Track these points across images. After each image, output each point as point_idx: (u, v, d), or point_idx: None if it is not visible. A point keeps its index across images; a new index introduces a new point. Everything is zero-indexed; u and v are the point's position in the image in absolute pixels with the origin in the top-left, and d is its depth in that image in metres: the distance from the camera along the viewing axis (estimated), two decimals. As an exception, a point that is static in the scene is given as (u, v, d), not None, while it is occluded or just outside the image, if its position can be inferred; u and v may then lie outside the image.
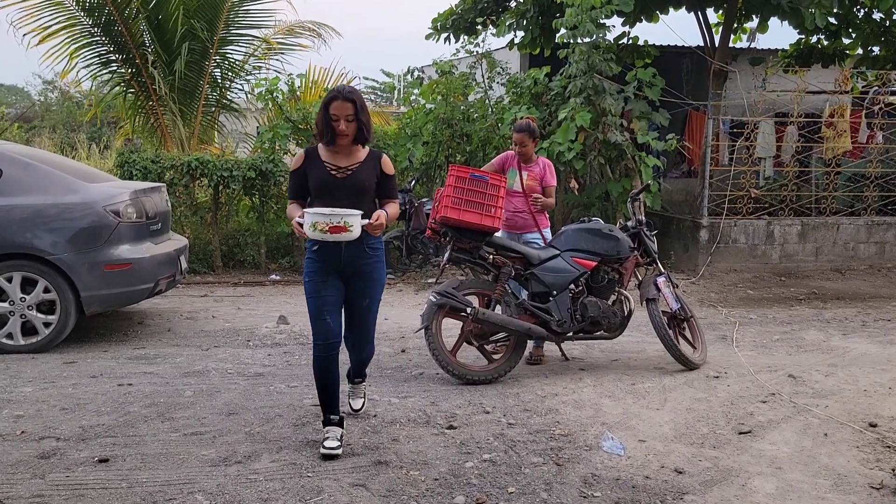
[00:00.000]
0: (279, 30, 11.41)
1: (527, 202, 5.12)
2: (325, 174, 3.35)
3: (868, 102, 9.75)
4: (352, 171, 3.37)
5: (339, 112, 3.27)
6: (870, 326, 6.47)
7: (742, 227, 8.94)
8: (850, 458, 3.44)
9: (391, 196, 3.52)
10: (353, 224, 3.14)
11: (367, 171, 3.40)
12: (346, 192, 3.34)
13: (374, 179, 3.42)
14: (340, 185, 3.35)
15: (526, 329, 4.58)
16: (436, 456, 3.38)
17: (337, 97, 3.28)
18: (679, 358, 4.82)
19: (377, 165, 3.44)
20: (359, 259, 3.40)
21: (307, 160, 3.40)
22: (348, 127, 3.29)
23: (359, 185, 3.37)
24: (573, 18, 7.84)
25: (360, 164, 3.39)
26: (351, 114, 3.28)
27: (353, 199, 3.33)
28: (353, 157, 3.40)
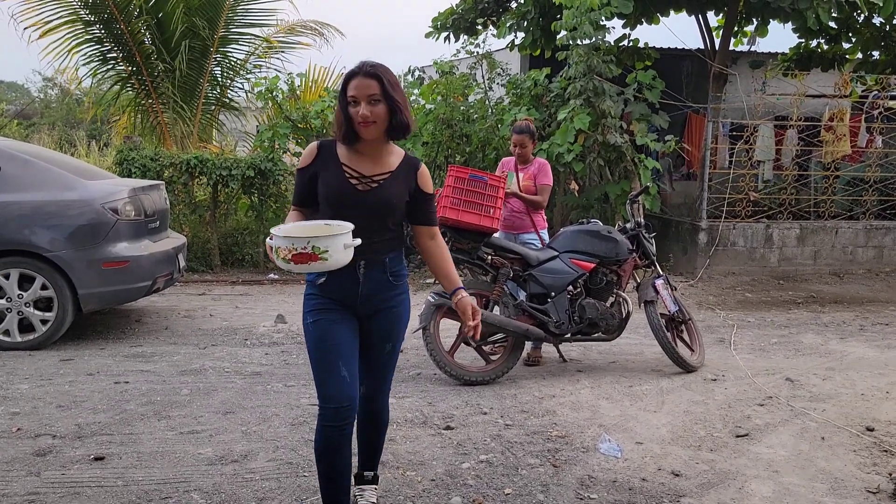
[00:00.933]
0: (280, 28, 11.41)
1: (523, 203, 5.12)
2: (342, 183, 2.40)
3: (867, 107, 9.76)
4: (379, 182, 2.41)
5: (360, 92, 2.32)
6: (867, 330, 6.47)
7: (741, 230, 8.94)
8: (846, 461, 3.43)
9: (430, 221, 2.55)
10: (329, 250, 2.13)
11: (398, 184, 2.44)
12: (366, 211, 2.38)
13: (406, 197, 2.46)
14: (361, 201, 2.39)
15: (524, 330, 4.58)
16: (433, 456, 3.38)
17: (356, 73, 2.35)
18: (676, 360, 4.82)
19: (412, 178, 2.47)
20: (382, 292, 2.50)
21: (319, 158, 2.45)
22: (373, 112, 2.32)
23: (385, 204, 2.41)
24: (572, 20, 7.84)
25: (391, 175, 2.43)
26: (376, 93, 2.31)
27: (375, 221, 2.40)
28: (382, 161, 2.44)
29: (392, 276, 2.49)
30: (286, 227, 2.24)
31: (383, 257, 2.46)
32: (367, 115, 2.30)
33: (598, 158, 8.16)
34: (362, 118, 2.31)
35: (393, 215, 2.44)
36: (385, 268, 2.47)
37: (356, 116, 2.32)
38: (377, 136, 2.37)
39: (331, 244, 2.13)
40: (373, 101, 2.31)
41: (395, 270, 2.51)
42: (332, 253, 2.13)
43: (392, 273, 2.49)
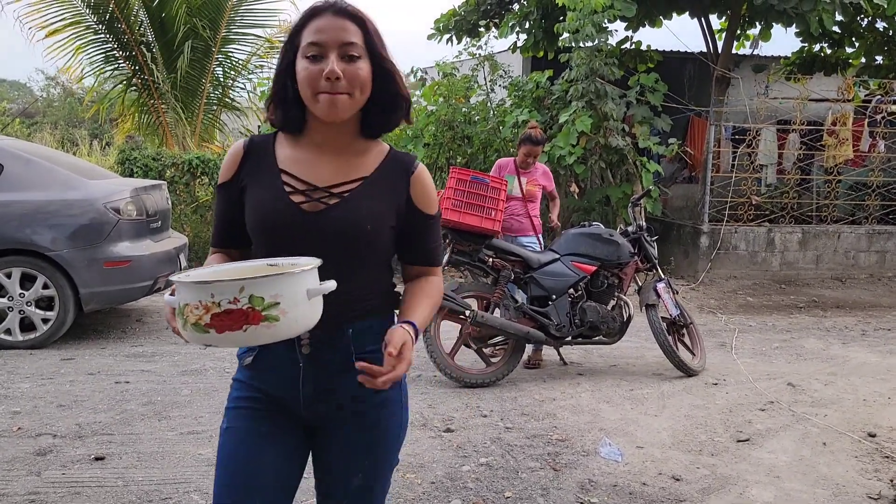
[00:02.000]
0: (283, 29, 11.42)
1: (525, 206, 5.12)
2: (277, 200, 1.46)
3: (870, 111, 9.75)
4: (341, 196, 1.46)
5: (328, 38, 1.40)
6: (870, 335, 6.46)
7: (743, 233, 8.93)
8: (848, 467, 3.42)
9: (431, 260, 1.59)
10: (280, 302, 1.22)
11: (377, 198, 1.48)
12: (317, 246, 1.42)
13: (390, 219, 1.49)
14: (308, 229, 1.44)
15: (525, 333, 4.57)
16: (433, 459, 3.37)
17: (322, 10, 1.43)
18: (678, 364, 4.81)
19: (402, 187, 1.50)
20: (345, 388, 1.48)
21: (248, 163, 1.52)
22: (349, 72, 1.39)
23: (351, 233, 1.44)
24: (575, 22, 7.84)
25: (365, 183, 1.48)
26: (356, 42, 1.41)
27: (336, 263, 1.40)
28: (349, 162, 1.49)
29: (366, 357, 1.40)
30: (201, 271, 1.37)
31: (346, 326, 1.44)
32: (338, 76, 1.36)
33: (600, 161, 8.16)
34: (329, 78, 1.36)
35: (366, 251, 1.45)
36: (349, 345, 1.46)
37: (316, 78, 1.37)
38: (345, 115, 1.41)
39: (284, 290, 1.20)
40: (349, 56, 1.39)
41: (372, 350, 1.44)
42: (286, 307, 1.20)
43: (363, 356, 1.40)
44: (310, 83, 1.39)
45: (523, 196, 5.11)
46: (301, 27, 1.44)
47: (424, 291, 1.55)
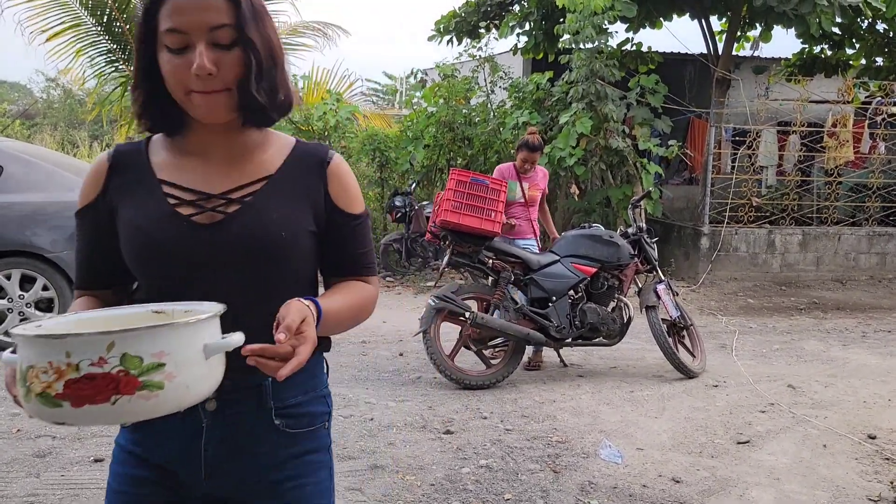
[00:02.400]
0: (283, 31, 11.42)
1: (527, 210, 5.12)
2: (160, 215, 1.18)
3: (871, 113, 9.75)
4: (241, 202, 1.19)
5: (191, 21, 1.10)
6: (870, 337, 6.45)
7: (743, 235, 8.93)
8: (848, 469, 3.42)
9: (360, 269, 1.31)
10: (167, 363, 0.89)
11: (287, 199, 1.22)
12: (215, 266, 1.17)
13: (308, 223, 1.23)
14: (201, 246, 1.17)
15: (525, 334, 4.57)
16: (432, 461, 3.36)
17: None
18: (678, 366, 4.80)
19: (317, 182, 1.25)
20: (260, 455, 1.23)
21: (115, 180, 1.23)
22: (221, 62, 1.11)
23: (258, 245, 1.18)
24: (575, 24, 7.84)
25: (270, 183, 1.22)
26: (226, 24, 1.11)
27: (241, 287, 1.18)
28: (245, 161, 1.24)
29: (285, 418, 1.22)
30: (58, 320, 1.03)
31: (263, 375, 1.08)
32: (211, 71, 1.09)
33: (600, 162, 8.16)
34: (199, 74, 1.09)
35: (282, 266, 1.19)
36: (265, 396, 1.21)
37: (184, 74, 1.10)
38: (227, 116, 1.16)
39: (171, 347, 0.90)
40: (218, 43, 1.11)
41: (295, 404, 1.23)
42: (174, 369, 0.90)
43: (285, 411, 1.21)
44: (177, 80, 1.11)
45: (526, 201, 5.11)
46: (154, 4, 1.12)
47: (346, 288, 1.27)
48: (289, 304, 1.07)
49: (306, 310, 1.07)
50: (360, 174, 9.97)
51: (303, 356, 1.01)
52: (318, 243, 1.25)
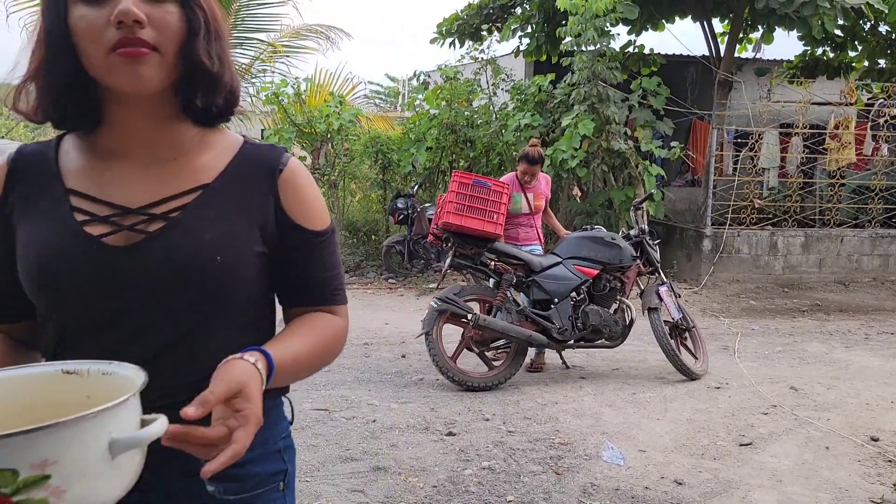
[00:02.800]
0: (285, 34, 11.45)
1: (532, 219, 5.11)
2: (66, 234, 0.93)
3: (873, 115, 9.74)
4: (168, 218, 0.95)
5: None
6: (873, 339, 6.44)
7: (745, 237, 8.92)
8: (851, 472, 3.41)
9: (325, 297, 1.07)
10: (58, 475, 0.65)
11: (230, 211, 0.98)
12: (140, 295, 0.93)
13: (256, 243, 0.99)
14: (121, 271, 0.92)
15: (527, 336, 4.57)
16: (435, 463, 3.36)
17: None
18: (680, 368, 4.80)
19: (268, 192, 1.01)
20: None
21: (17, 186, 0.98)
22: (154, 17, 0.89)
23: (191, 267, 0.93)
24: (577, 26, 7.85)
25: (206, 193, 0.97)
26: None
27: (175, 320, 0.94)
28: (181, 164, 0.99)
29: (223, 482, 0.99)
30: None
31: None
32: (138, 17, 0.87)
33: (603, 164, 8.16)
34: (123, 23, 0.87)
35: (219, 299, 0.97)
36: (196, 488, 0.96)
37: (101, 28, 0.88)
38: (157, 85, 0.92)
39: (61, 453, 0.66)
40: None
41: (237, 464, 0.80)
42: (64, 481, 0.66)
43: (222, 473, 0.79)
44: (94, 38, 0.87)
45: (531, 212, 5.10)
46: None
47: (309, 325, 1.03)
48: (226, 364, 0.83)
49: (247, 374, 0.82)
50: (363, 176, 10.00)
51: (240, 444, 0.76)
52: (269, 266, 1.01)
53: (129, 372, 0.80)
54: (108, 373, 0.81)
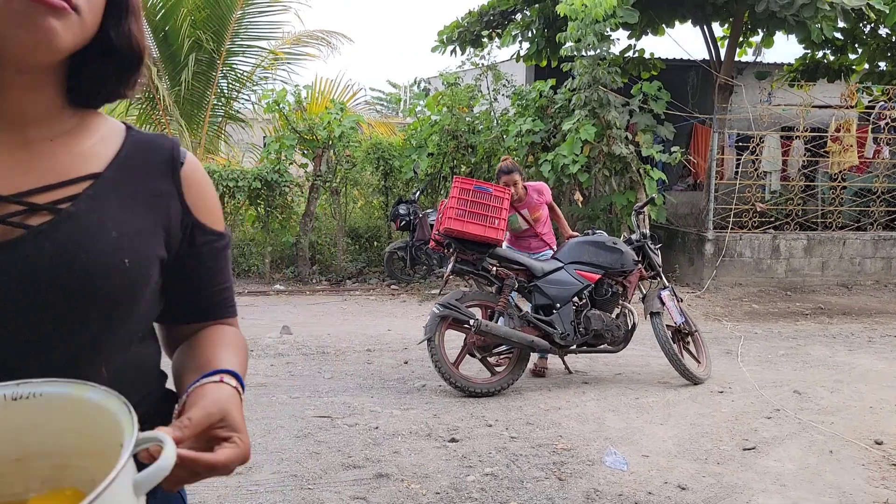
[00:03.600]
0: (286, 40, 11.49)
1: (535, 231, 5.08)
2: None
3: (874, 117, 9.74)
4: (58, 206, 0.79)
5: None
6: (876, 342, 6.42)
7: (747, 240, 8.92)
8: (855, 475, 3.40)
9: (227, 309, 0.99)
10: None
11: (131, 206, 0.84)
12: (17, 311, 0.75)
13: (160, 248, 0.86)
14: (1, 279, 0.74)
15: (529, 342, 4.57)
16: (437, 469, 3.36)
17: None
18: (683, 372, 4.79)
19: (168, 186, 0.89)
20: None
21: None
22: None
23: (94, 270, 0.78)
24: (577, 31, 7.87)
25: (99, 183, 0.83)
26: None
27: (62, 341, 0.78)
28: (68, 148, 0.83)
29: None
30: None
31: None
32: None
33: (604, 169, 8.17)
34: None
35: (119, 313, 0.82)
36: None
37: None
38: (68, 50, 0.77)
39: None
40: None
41: None
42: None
43: None
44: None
45: (531, 226, 5.07)
46: None
47: (225, 338, 0.93)
48: (202, 388, 0.77)
49: (230, 400, 0.75)
50: (365, 182, 10.02)
51: (228, 468, 0.73)
52: (167, 270, 0.88)
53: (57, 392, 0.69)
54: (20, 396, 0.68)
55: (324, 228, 9.81)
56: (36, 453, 0.69)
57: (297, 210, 9.45)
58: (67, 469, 0.59)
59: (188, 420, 0.71)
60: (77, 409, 0.68)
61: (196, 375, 0.82)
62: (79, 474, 0.68)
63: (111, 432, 0.64)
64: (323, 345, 5.92)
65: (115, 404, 0.67)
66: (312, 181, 9.16)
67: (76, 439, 0.68)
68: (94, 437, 0.67)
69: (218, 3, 10.14)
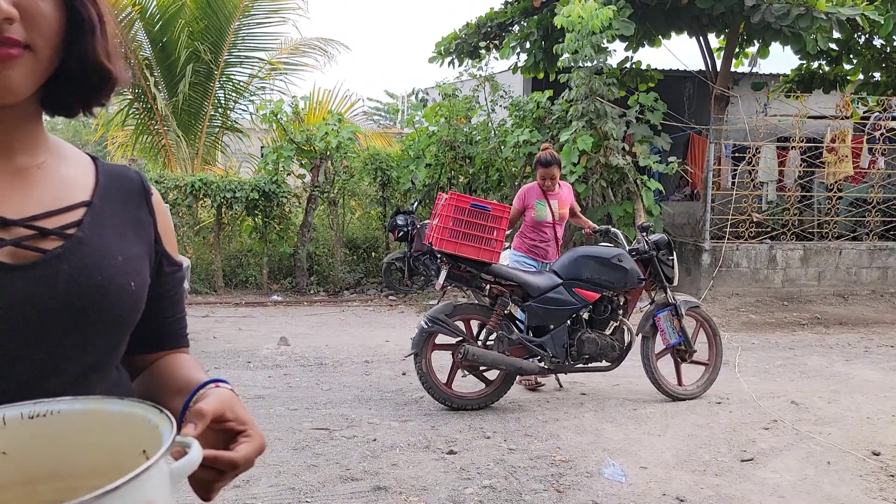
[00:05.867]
0: (283, 49, 11.53)
1: (555, 230, 5.01)
2: None
3: (869, 128, 9.79)
4: (66, 232, 0.81)
5: None
6: (873, 352, 6.44)
7: (744, 250, 8.94)
8: (853, 487, 3.40)
9: (182, 339, 1.00)
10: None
11: (119, 236, 0.86)
12: (30, 334, 0.75)
13: (147, 274, 0.89)
14: (20, 296, 0.75)
15: (517, 368, 4.44)
16: (436, 481, 3.36)
17: None
18: (667, 394, 4.69)
19: (146, 216, 0.92)
20: None
21: None
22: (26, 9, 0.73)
23: (109, 292, 0.81)
24: (574, 43, 7.92)
25: (92, 211, 0.85)
26: None
27: (65, 360, 0.79)
28: (42, 175, 0.83)
29: None
30: None
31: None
32: (8, 14, 0.72)
33: (601, 180, 8.20)
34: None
35: (121, 334, 0.86)
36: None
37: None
38: (26, 92, 0.77)
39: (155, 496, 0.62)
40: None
41: None
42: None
43: None
44: None
45: (555, 220, 4.97)
46: None
47: (192, 363, 0.96)
48: (202, 392, 0.82)
49: (231, 397, 0.80)
50: (363, 193, 10.04)
51: (250, 461, 0.77)
52: (151, 299, 0.90)
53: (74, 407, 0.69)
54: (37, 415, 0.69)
55: (321, 239, 9.81)
56: (45, 475, 0.69)
57: (294, 221, 9.46)
58: (76, 491, 0.58)
59: (198, 413, 0.73)
60: (97, 422, 0.69)
61: (179, 397, 0.85)
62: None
63: (134, 440, 0.66)
64: (321, 356, 5.91)
65: (142, 409, 0.68)
66: (310, 192, 9.17)
67: (91, 456, 0.69)
68: (112, 450, 0.68)
69: (216, 15, 10.19)
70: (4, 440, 0.67)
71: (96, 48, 0.80)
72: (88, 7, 0.79)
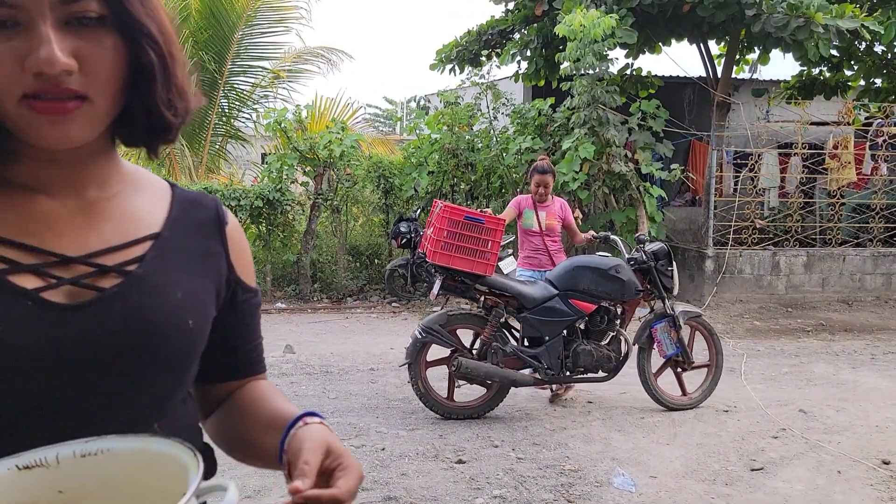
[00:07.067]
0: (286, 58, 11.56)
1: (543, 241, 5.02)
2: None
3: (871, 134, 9.81)
4: (126, 269, 0.78)
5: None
6: (879, 360, 6.43)
7: (747, 257, 8.94)
8: (864, 496, 3.39)
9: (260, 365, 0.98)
10: None
11: (188, 268, 0.84)
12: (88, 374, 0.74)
13: (212, 307, 0.86)
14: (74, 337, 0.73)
15: (511, 380, 4.42)
16: (446, 491, 3.35)
17: None
18: (664, 405, 4.66)
19: (217, 246, 0.89)
20: None
21: None
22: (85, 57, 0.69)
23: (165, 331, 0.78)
24: (575, 51, 7.93)
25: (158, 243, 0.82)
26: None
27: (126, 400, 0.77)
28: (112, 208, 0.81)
29: None
30: None
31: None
32: (67, 67, 0.68)
33: (603, 187, 8.21)
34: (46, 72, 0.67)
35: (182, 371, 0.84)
36: None
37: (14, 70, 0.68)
38: (88, 137, 0.75)
39: None
40: (78, 18, 0.70)
41: None
42: None
43: None
44: (2, 80, 0.69)
45: (541, 231, 4.97)
46: None
47: (274, 391, 0.96)
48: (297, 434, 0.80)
49: (325, 433, 0.81)
50: (366, 200, 10.05)
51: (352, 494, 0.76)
52: (217, 329, 0.88)
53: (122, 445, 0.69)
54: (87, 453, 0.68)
55: (325, 246, 9.82)
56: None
57: (298, 228, 9.47)
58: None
59: (306, 465, 0.73)
60: (144, 462, 0.68)
61: (267, 433, 0.86)
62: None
63: (176, 483, 0.64)
64: (326, 364, 5.91)
65: (180, 450, 0.67)
66: (313, 199, 9.18)
67: (136, 497, 0.68)
68: (156, 492, 0.67)
69: (220, 25, 10.22)
70: (59, 479, 0.66)
71: (156, 96, 0.77)
72: (150, 53, 0.74)
